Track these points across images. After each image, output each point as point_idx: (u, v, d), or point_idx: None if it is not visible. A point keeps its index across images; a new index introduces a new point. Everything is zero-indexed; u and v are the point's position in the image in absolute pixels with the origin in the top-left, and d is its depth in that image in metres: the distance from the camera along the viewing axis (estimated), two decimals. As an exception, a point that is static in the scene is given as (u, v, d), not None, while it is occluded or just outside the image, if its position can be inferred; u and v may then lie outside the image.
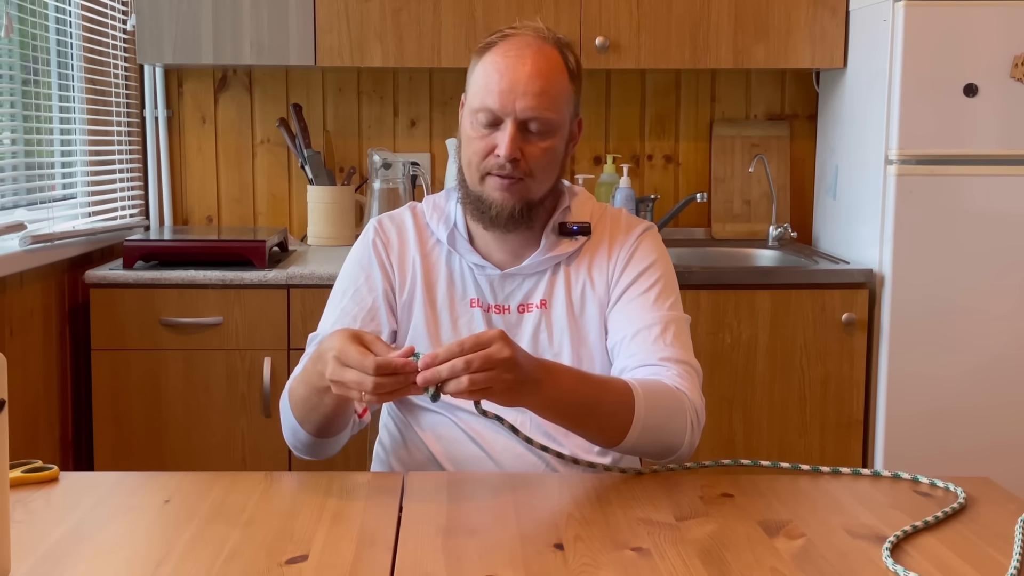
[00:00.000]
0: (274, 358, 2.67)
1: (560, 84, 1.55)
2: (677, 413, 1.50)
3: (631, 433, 1.45)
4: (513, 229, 1.61)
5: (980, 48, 2.64)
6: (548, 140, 1.56)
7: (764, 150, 3.29)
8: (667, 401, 1.50)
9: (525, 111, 1.52)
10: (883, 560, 1.16)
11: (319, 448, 1.58)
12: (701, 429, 1.56)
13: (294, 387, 1.53)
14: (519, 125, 1.53)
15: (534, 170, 1.56)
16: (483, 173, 1.57)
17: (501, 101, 1.52)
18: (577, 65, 1.60)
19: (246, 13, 2.88)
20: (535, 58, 1.54)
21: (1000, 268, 2.68)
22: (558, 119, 1.56)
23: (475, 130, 1.56)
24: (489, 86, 1.54)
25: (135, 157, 3.21)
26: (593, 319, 1.63)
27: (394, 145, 3.28)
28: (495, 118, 1.54)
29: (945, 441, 2.71)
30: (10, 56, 2.55)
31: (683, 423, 1.51)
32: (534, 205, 1.60)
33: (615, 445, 1.47)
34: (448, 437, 1.62)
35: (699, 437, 1.56)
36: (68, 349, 2.71)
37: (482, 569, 1.13)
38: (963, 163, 2.67)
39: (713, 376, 2.76)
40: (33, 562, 1.14)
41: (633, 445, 1.47)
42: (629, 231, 1.68)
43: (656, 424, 1.47)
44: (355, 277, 1.68)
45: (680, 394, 1.52)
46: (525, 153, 1.54)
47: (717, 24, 2.95)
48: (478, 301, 1.63)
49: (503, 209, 1.57)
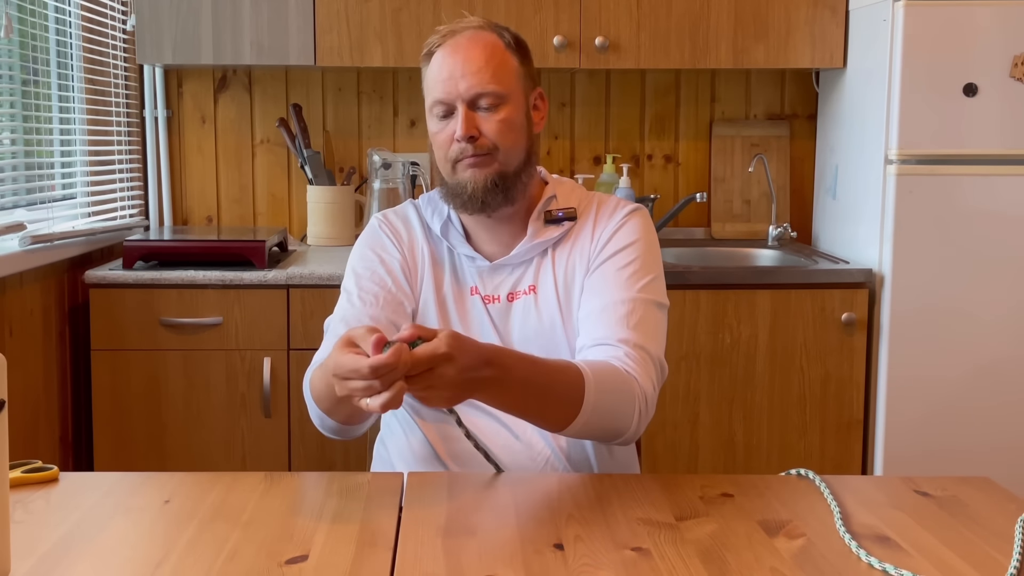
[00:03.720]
0: (274, 358, 2.67)
1: (499, 57, 1.60)
2: (625, 399, 1.50)
3: (579, 419, 1.46)
4: (495, 207, 1.62)
5: (980, 48, 2.64)
6: (502, 111, 1.59)
7: (764, 150, 3.29)
8: (616, 385, 1.49)
9: (469, 90, 1.58)
10: (883, 560, 1.16)
11: (349, 432, 1.59)
12: (649, 418, 1.55)
13: (315, 380, 1.53)
14: (469, 105, 1.59)
15: (496, 142, 1.59)
16: (452, 162, 1.61)
17: (446, 89, 1.59)
18: (516, 40, 1.64)
19: (246, 13, 2.88)
20: (469, 44, 1.60)
21: (1000, 268, 2.68)
22: (505, 89, 1.59)
23: (436, 126, 1.62)
24: (435, 81, 1.60)
25: (135, 157, 3.21)
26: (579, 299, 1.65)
27: (394, 145, 3.28)
28: (447, 108, 1.60)
29: (945, 441, 2.71)
30: (10, 56, 2.55)
31: (631, 409, 1.51)
32: (508, 176, 1.61)
33: (561, 430, 1.48)
34: (450, 435, 1.62)
35: (645, 425, 1.55)
36: (68, 349, 2.71)
37: (482, 569, 1.13)
38: (963, 163, 2.67)
39: (713, 376, 2.76)
40: (33, 562, 1.14)
41: (579, 430, 1.48)
42: (616, 212, 1.69)
43: (604, 408, 1.48)
44: (368, 260, 1.69)
45: (631, 380, 1.51)
46: (483, 129, 1.59)
47: (717, 24, 2.95)
48: (476, 289, 1.67)
49: (477, 184, 1.60)
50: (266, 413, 2.67)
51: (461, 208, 1.64)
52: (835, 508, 1.32)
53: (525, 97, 1.64)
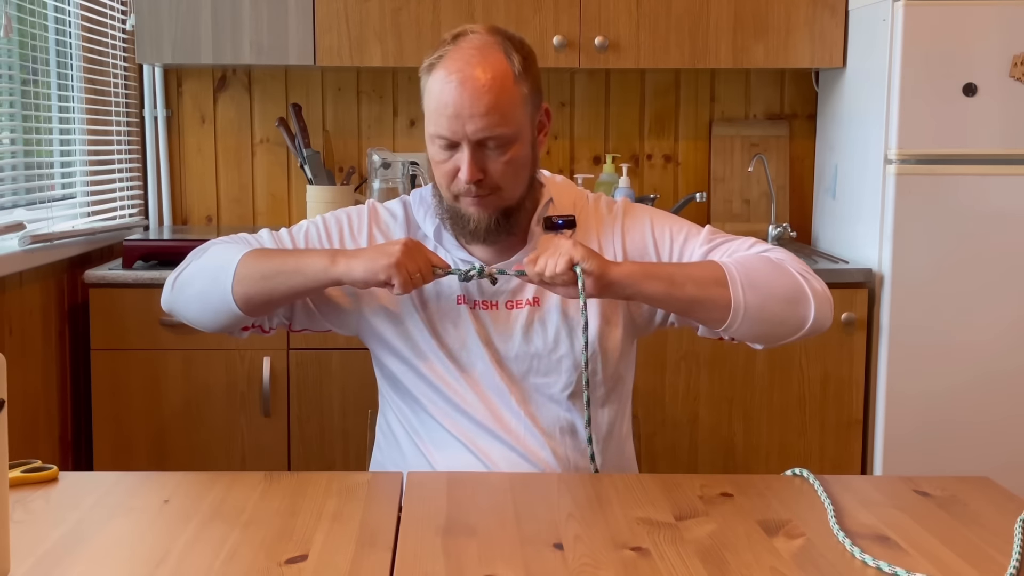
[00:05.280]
0: (273, 358, 2.67)
1: (508, 93, 1.52)
2: (774, 268, 1.54)
3: (733, 289, 1.50)
4: (495, 241, 1.60)
5: (979, 48, 2.64)
6: (509, 152, 1.54)
7: (763, 150, 3.29)
8: (756, 262, 1.55)
9: (476, 133, 1.51)
10: (882, 560, 1.16)
11: (232, 323, 1.62)
12: (824, 287, 1.58)
13: (257, 263, 1.56)
14: (475, 146, 1.52)
15: (501, 184, 1.55)
16: (454, 194, 1.57)
17: (451, 128, 1.52)
18: (524, 62, 1.55)
19: (245, 13, 2.88)
20: (476, 74, 1.51)
21: (1000, 267, 2.68)
22: (513, 131, 1.53)
23: (437, 154, 1.57)
24: (439, 112, 1.53)
25: (134, 157, 3.21)
26: (593, 316, 1.62)
27: (393, 145, 3.28)
28: (451, 142, 1.54)
29: (945, 441, 2.71)
30: (9, 56, 2.55)
31: (789, 274, 1.54)
32: (511, 211, 1.59)
33: (726, 304, 1.51)
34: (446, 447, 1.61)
35: (827, 299, 1.58)
36: (67, 349, 2.71)
37: (482, 569, 1.13)
38: (962, 163, 2.67)
39: (713, 376, 2.76)
40: (33, 562, 1.14)
41: (747, 304, 1.51)
42: (610, 214, 1.68)
43: (756, 278, 1.51)
44: (333, 232, 1.70)
45: (775, 261, 1.57)
46: (488, 171, 1.54)
47: (716, 24, 2.95)
48: (464, 298, 1.63)
49: (480, 223, 1.57)
50: (266, 413, 2.67)
51: (462, 236, 1.62)
52: (829, 507, 1.32)
53: (532, 124, 1.59)
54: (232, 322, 1.62)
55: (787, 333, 1.57)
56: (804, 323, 1.55)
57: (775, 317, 1.54)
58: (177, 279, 1.65)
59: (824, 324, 1.57)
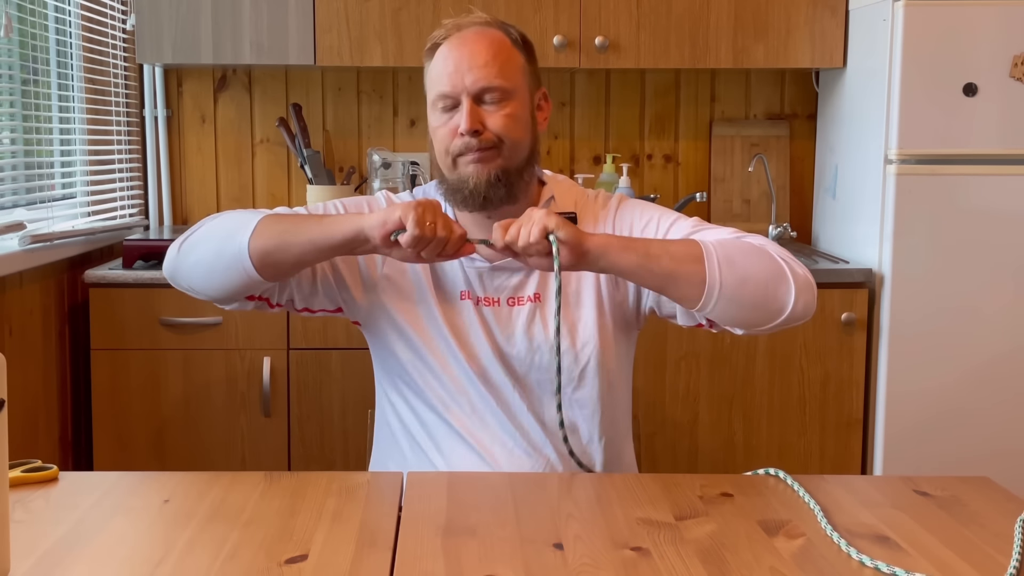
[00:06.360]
0: (273, 358, 2.67)
1: (505, 53, 1.59)
2: (754, 250, 1.51)
3: (709, 265, 1.46)
4: (496, 204, 1.59)
5: (980, 48, 2.64)
6: (507, 107, 1.57)
7: (764, 150, 3.29)
8: (739, 246, 1.51)
9: (475, 83, 1.56)
10: (882, 560, 1.16)
11: (241, 286, 1.55)
12: (807, 273, 1.54)
13: (279, 229, 1.52)
14: (474, 99, 1.57)
15: (501, 137, 1.57)
16: (454, 156, 1.58)
17: (451, 82, 1.56)
18: (523, 37, 1.64)
19: (246, 13, 2.88)
20: (475, 38, 1.59)
21: (1000, 267, 2.68)
22: (511, 85, 1.58)
23: (438, 120, 1.60)
24: (439, 75, 1.58)
25: (135, 157, 3.21)
26: (589, 309, 1.63)
27: (393, 145, 3.28)
28: (451, 101, 1.57)
29: (945, 441, 2.71)
30: (10, 56, 2.55)
31: (769, 257, 1.51)
32: (511, 172, 1.59)
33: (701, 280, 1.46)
34: (447, 442, 1.62)
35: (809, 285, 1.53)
36: (67, 349, 2.71)
37: (482, 569, 1.13)
38: (963, 163, 2.67)
39: (713, 376, 2.76)
40: (33, 562, 1.14)
41: (723, 282, 1.46)
42: (604, 209, 1.69)
43: (733, 257, 1.48)
44: (358, 206, 1.68)
45: (755, 244, 1.54)
46: (487, 124, 1.57)
47: (717, 24, 2.95)
48: (468, 294, 1.64)
49: (479, 180, 1.57)
50: (266, 413, 2.67)
51: (461, 204, 1.61)
52: (815, 507, 1.32)
53: (530, 94, 1.63)
54: (241, 285, 1.54)
55: (767, 317, 1.51)
56: (784, 307, 1.49)
57: (753, 298, 1.49)
58: (186, 240, 1.59)
59: (807, 311, 1.52)
